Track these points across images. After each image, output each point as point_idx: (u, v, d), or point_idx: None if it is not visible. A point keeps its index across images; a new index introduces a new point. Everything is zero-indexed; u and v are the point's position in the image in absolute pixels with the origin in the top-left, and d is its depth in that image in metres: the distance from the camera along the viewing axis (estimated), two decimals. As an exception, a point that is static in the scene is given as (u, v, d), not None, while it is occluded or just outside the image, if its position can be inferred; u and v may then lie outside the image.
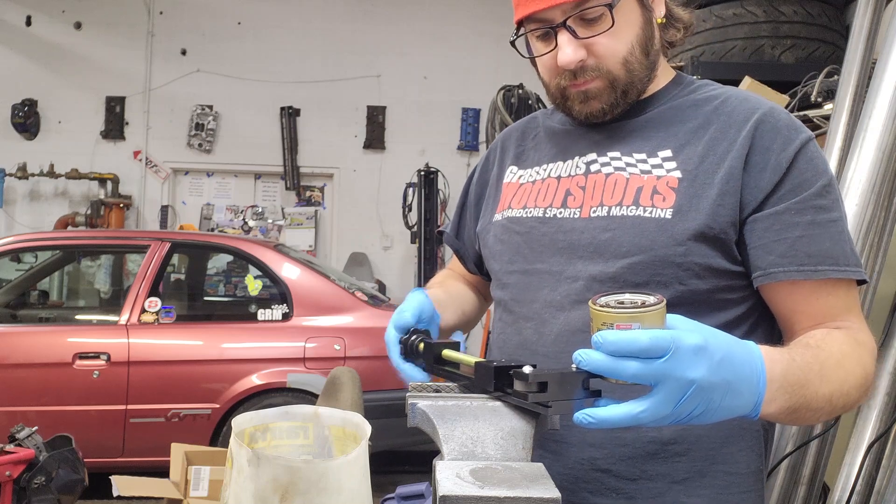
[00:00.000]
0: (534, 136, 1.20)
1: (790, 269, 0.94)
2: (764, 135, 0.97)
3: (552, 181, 1.10)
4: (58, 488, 2.80)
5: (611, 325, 0.74)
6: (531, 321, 1.05)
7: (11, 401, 3.90)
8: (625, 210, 0.99)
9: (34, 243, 4.74)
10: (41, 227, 7.30)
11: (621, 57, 1.00)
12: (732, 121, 1.00)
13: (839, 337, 0.92)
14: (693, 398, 0.73)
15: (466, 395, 0.88)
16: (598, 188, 1.03)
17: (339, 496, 0.76)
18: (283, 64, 7.50)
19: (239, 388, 4.06)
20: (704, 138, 1.00)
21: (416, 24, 7.54)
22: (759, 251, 0.95)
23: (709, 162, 0.98)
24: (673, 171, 0.99)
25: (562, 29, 0.99)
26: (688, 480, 0.97)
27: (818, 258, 0.94)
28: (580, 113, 1.05)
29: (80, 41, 7.56)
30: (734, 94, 1.04)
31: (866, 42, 1.89)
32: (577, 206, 1.04)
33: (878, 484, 1.64)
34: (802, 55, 2.78)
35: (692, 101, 1.05)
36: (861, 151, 1.62)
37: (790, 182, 0.95)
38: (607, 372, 0.73)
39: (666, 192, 0.98)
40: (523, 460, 0.80)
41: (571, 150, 1.10)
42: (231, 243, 4.69)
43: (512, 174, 1.18)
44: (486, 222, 1.19)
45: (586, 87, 1.02)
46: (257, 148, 7.51)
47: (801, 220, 0.94)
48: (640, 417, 0.73)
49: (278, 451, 0.87)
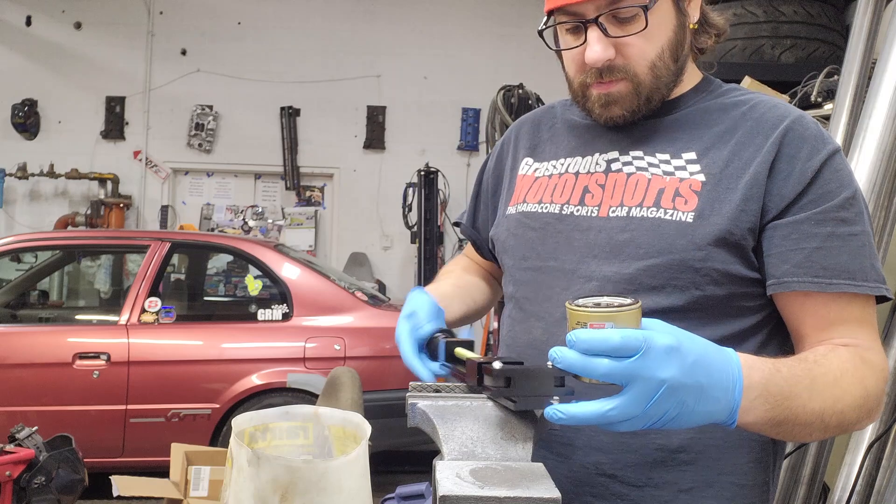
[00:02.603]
0: (550, 127, 1.17)
1: (805, 279, 0.92)
2: (791, 143, 0.95)
3: (570, 177, 1.08)
4: (58, 488, 2.80)
5: (585, 324, 0.75)
6: (542, 320, 1.04)
7: (11, 401, 3.90)
8: (645, 211, 0.98)
9: (34, 243, 4.74)
10: (41, 227, 7.30)
11: (650, 60, 0.98)
12: (760, 127, 0.98)
13: (843, 354, 0.90)
14: (664, 399, 0.73)
15: (466, 394, 0.88)
16: (619, 188, 1.01)
17: (339, 496, 0.76)
18: (283, 64, 7.49)
19: (239, 388, 4.06)
20: (731, 143, 0.98)
21: (416, 24, 7.53)
22: (775, 259, 0.94)
23: (734, 167, 0.96)
24: (697, 174, 0.98)
25: (593, 25, 0.96)
26: (694, 490, 0.96)
27: (834, 271, 0.92)
28: (600, 116, 1.03)
29: (80, 41, 7.55)
30: (764, 101, 1.02)
31: (866, 42, 1.89)
32: (596, 205, 1.03)
33: (878, 484, 1.64)
34: (802, 55, 2.78)
35: (720, 104, 1.03)
36: (861, 151, 1.62)
37: (813, 192, 0.93)
38: (579, 369, 0.73)
39: (688, 195, 0.96)
40: (523, 460, 0.80)
41: (592, 146, 1.08)
42: (231, 243, 4.69)
43: (527, 166, 1.16)
44: (500, 215, 1.18)
45: (610, 88, 1.00)
46: (257, 148, 7.50)
47: (821, 231, 0.92)
48: (609, 415, 0.73)
49: (278, 451, 0.87)
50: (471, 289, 1.28)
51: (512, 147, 1.22)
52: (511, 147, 1.22)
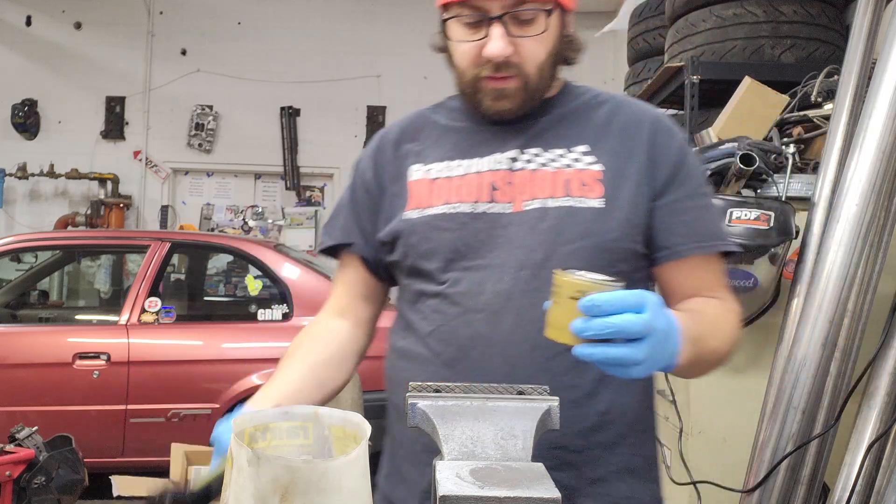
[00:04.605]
0: (428, 134, 1.20)
1: (691, 245, 1.08)
2: (660, 134, 1.11)
3: (473, 177, 1.11)
4: (58, 488, 2.80)
5: (584, 292, 0.81)
6: (482, 312, 1.05)
7: (11, 401, 3.90)
8: (560, 201, 1.07)
9: (34, 243, 4.74)
10: (41, 227, 7.30)
11: (540, 61, 1.07)
12: (632, 121, 1.12)
13: (715, 304, 1.07)
14: (663, 345, 0.84)
15: (466, 395, 0.88)
16: (528, 182, 1.09)
17: (339, 496, 0.76)
18: (283, 64, 7.50)
19: (239, 388, 4.06)
20: (613, 135, 1.11)
21: (416, 24, 7.53)
22: (663, 233, 1.08)
23: (622, 157, 1.09)
24: (594, 164, 1.09)
25: (496, 21, 1.03)
26: (616, 444, 1.08)
27: (710, 235, 1.10)
28: (489, 108, 1.10)
29: (80, 41, 7.56)
30: (624, 99, 1.18)
31: (866, 42, 1.89)
32: (508, 201, 1.08)
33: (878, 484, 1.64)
34: (802, 55, 2.78)
35: (587, 103, 1.15)
36: (861, 151, 1.62)
37: (681, 175, 1.09)
38: (609, 328, 0.80)
39: (592, 184, 1.07)
40: (523, 460, 0.80)
41: (488, 147, 1.13)
42: (231, 243, 4.69)
43: (419, 172, 1.16)
44: (398, 223, 1.14)
45: (504, 84, 1.07)
46: (257, 148, 7.51)
47: (694, 204, 1.09)
48: (635, 356, 0.81)
49: (278, 451, 0.87)
50: (329, 361, 1.17)
51: (390, 157, 1.21)
52: (385, 160, 1.21)
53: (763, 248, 1.82)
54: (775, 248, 1.85)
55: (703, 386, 1.99)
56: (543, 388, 0.89)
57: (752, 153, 1.88)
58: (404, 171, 1.18)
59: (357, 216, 1.22)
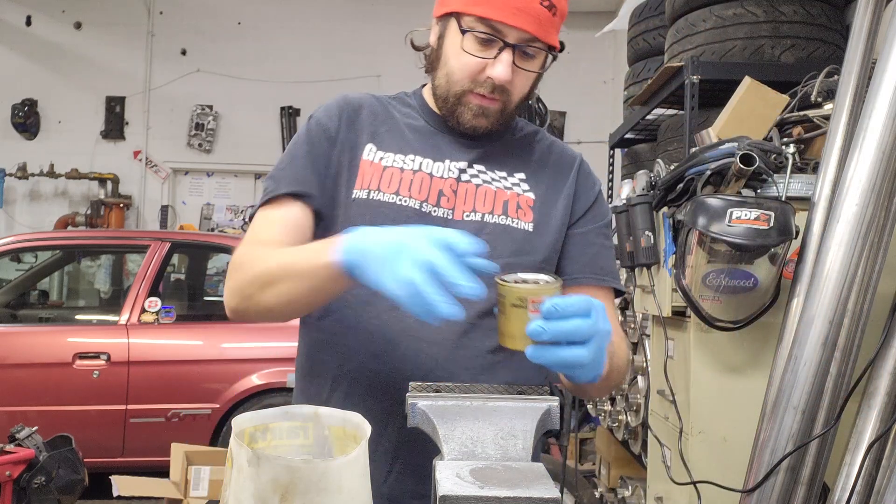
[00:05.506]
0: (386, 121, 1.21)
1: (589, 276, 1.20)
2: (583, 175, 1.25)
3: (425, 176, 1.17)
4: (58, 488, 2.80)
5: (527, 299, 0.84)
6: None
7: (11, 401, 3.90)
8: (497, 218, 1.16)
9: (34, 243, 4.75)
10: (41, 227, 7.30)
11: (523, 94, 1.16)
12: (563, 162, 1.25)
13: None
14: (600, 349, 0.87)
15: (466, 395, 0.88)
16: (470, 195, 1.17)
17: (339, 496, 0.76)
18: (283, 64, 7.50)
19: (239, 388, 4.06)
20: (546, 170, 1.23)
21: (417, 24, 7.52)
22: (567, 261, 1.21)
23: (553, 190, 1.21)
24: (527, 191, 1.20)
25: (509, 48, 1.09)
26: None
27: (605, 271, 1.22)
28: (467, 122, 1.15)
29: (80, 41, 7.56)
30: (555, 140, 1.31)
31: (866, 42, 1.89)
32: (450, 208, 1.15)
33: (878, 484, 1.64)
34: (802, 55, 2.78)
35: (528, 139, 1.27)
36: (861, 151, 1.62)
37: (593, 213, 1.23)
38: (562, 331, 0.83)
39: (525, 209, 1.18)
40: (523, 460, 0.80)
41: (441, 153, 1.19)
42: (231, 243, 4.69)
43: (371, 153, 1.17)
44: (342, 196, 1.14)
45: (490, 104, 1.14)
46: (257, 148, 7.51)
47: (597, 241, 1.23)
48: (581, 357, 0.85)
49: (278, 451, 0.87)
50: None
51: (345, 124, 1.19)
52: (344, 123, 1.19)
53: (763, 248, 1.82)
54: (775, 248, 1.85)
55: (703, 386, 1.99)
56: (544, 388, 0.89)
57: (752, 153, 1.87)
58: (359, 144, 1.19)
59: (315, 167, 1.17)
